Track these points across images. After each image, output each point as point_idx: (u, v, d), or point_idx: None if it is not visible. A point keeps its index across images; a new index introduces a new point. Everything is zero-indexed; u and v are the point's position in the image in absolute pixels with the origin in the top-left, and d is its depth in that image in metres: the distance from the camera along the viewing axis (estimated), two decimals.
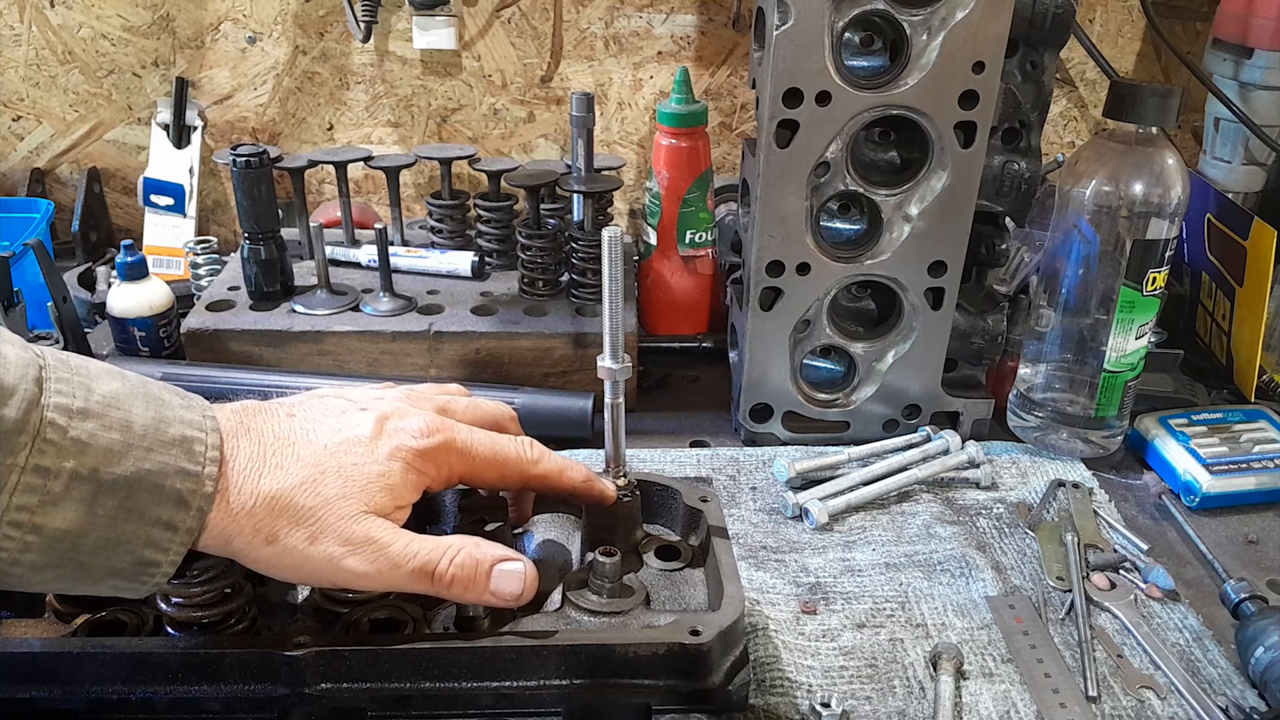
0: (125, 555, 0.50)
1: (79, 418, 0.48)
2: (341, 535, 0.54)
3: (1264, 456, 0.93)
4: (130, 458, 0.49)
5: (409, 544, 0.56)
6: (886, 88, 0.86)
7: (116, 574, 0.51)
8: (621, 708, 0.61)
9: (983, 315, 0.98)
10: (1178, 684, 0.70)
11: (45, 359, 0.49)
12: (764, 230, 0.90)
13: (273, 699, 0.60)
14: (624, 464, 0.71)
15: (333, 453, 0.56)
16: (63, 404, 0.48)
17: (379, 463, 0.56)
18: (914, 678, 0.71)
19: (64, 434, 0.47)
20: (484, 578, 0.58)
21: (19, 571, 0.49)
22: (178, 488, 0.50)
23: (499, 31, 1.28)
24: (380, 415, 0.58)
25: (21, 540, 0.47)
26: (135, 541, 0.50)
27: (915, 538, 0.86)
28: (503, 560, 0.59)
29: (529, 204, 1.09)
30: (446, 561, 0.57)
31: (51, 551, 0.48)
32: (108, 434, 0.49)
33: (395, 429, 0.58)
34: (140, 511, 0.50)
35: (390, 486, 0.56)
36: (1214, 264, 1.11)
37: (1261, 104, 1.14)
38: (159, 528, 0.50)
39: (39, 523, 0.47)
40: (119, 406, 0.50)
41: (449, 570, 0.57)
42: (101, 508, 0.49)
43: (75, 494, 0.48)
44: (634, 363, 0.88)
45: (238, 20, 1.27)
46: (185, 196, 1.32)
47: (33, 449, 0.47)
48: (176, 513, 0.51)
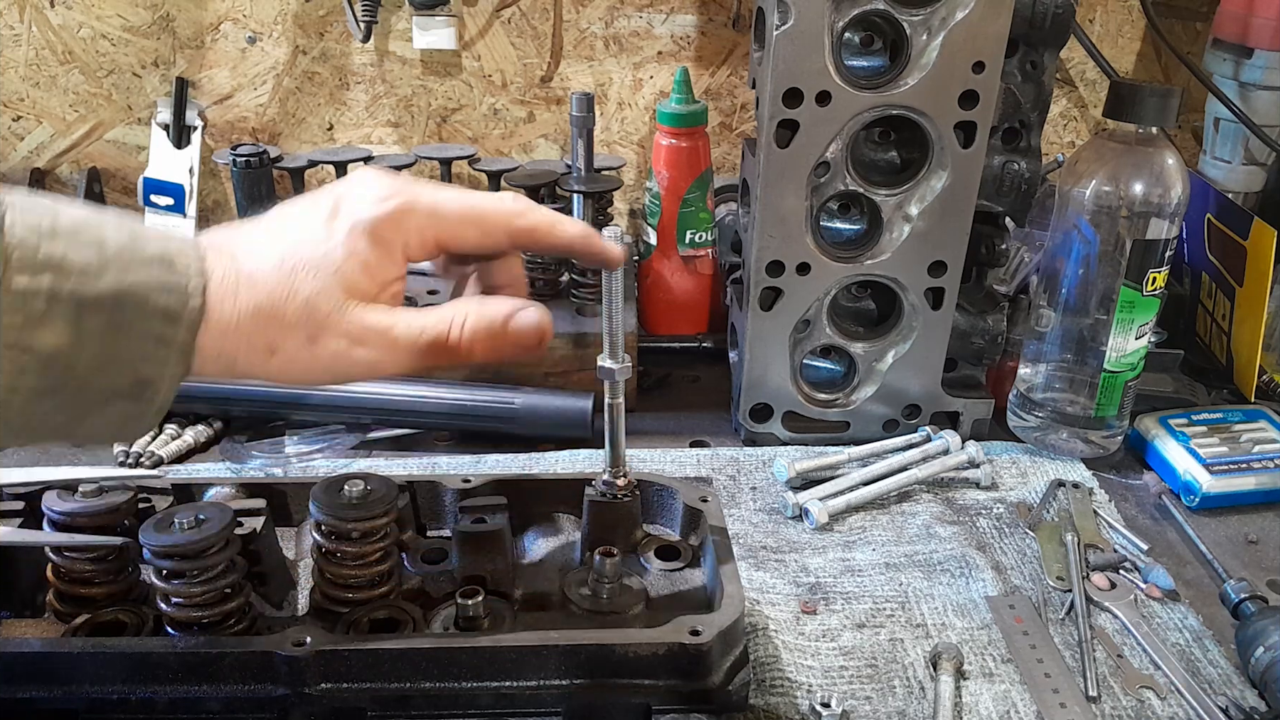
0: (122, 374, 0.49)
1: (48, 238, 0.47)
2: (339, 329, 0.52)
3: (1264, 456, 0.93)
4: (109, 274, 0.48)
5: (411, 322, 0.54)
6: (886, 88, 0.86)
7: (118, 396, 0.50)
8: (621, 708, 0.61)
9: (983, 315, 0.98)
10: (1178, 684, 0.70)
11: (10, 193, 0.48)
12: (764, 230, 0.90)
13: (273, 699, 0.60)
14: (624, 464, 0.71)
15: (295, 247, 0.53)
16: (30, 224, 0.47)
17: (341, 244, 0.53)
18: (914, 678, 0.71)
19: (34, 252, 0.47)
20: (500, 329, 0.55)
21: (19, 401, 0.48)
22: (163, 302, 0.49)
23: (499, 31, 1.28)
24: (336, 195, 0.55)
25: (15, 362, 0.47)
26: (129, 358, 0.49)
27: (915, 538, 0.86)
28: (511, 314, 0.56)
29: None
30: (458, 328, 0.54)
31: (47, 373, 0.48)
32: (81, 252, 0.48)
33: (350, 206, 0.54)
34: (129, 327, 0.49)
35: (363, 264, 0.53)
36: (1214, 264, 1.11)
37: (1261, 104, 1.14)
38: (151, 343, 0.49)
39: (28, 343, 0.47)
40: (88, 229, 0.49)
41: (463, 335, 0.54)
42: (88, 325, 0.48)
43: (58, 312, 0.47)
44: (634, 363, 0.88)
45: (238, 20, 1.27)
46: (185, 196, 1.32)
47: (6, 271, 0.46)
48: (166, 327, 0.49)
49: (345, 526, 0.65)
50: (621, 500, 0.71)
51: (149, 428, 0.53)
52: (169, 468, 0.92)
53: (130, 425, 0.52)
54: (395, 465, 0.93)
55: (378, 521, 0.65)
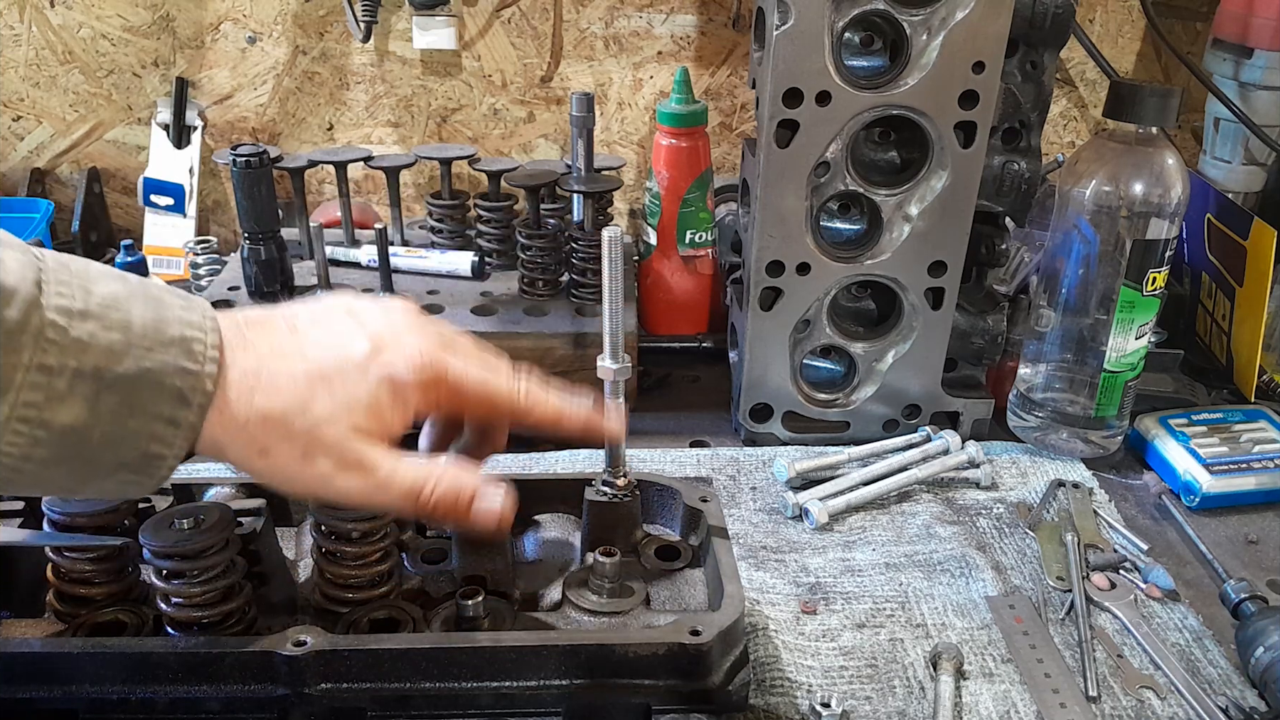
0: (130, 450, 0.51)
1: (79, 319, 0.49)
2: (332, 455, 0.55)
3: (1264, 456, 0.93)
4: (131, 356, 0.50)
5: (395, 467, 0.57)
6: (886, 88, 0.86)
7: (124, 467, 0.52)
8: (621, 708, 0.61)
9: (983, 315, 0.98)
10: (1178, 684, 0.70)
11: (45, 260, 0.50)
12: (764, 230, 0.90)
13: (273, 699, 0.60)
14: (624, 464, 0.71)
15: (325, 374, 0.56)
16: (63, 305, 0.49)
17: (369, 388, 0.56)
18: (914, 678, 0.71)
19: (65, 334, 0.49)
20: (465, 506, 0.59)
21: (30, 469, 0.50)
22: (178, 385, 0.51)
23: (499, 31, 1.28)
24: (376, 338, 0.58)
25: (30, 436, 0.49)
26: (140, 436, 0.51)
27: (915, 538, 0.86)
28: (483, 490, 0.59)
29: (529, 204, 1.09)
30: (429, 489, 0.58)
31: (59, 447, 0.50)
32: (108, 334, 0.50)
33: (390, 357, 0.58)
34: (143, 407, 0.51)
35: (378, 413, 0.57)
36: (1214, 264, 1.11)
37: (1261, 104, 1.14)
38: (161, 423, 0.51)
39: (46, 419, 0.49)
40: (118, 308, 0.51)
41: (432, 497, 0.58)
42: (105, 404, 0.50)
43: (79, 391, 0.49)
44: (634, 363, 0.87)
45: (238, 20, 1.27)
46: (185, 196, 1.32)
47: (36, 349, 0.48)
48: (178, 409, 0.52)
49: (345, 526, 0.65)
50: (621, 500, 0.71)
51: (148, 493, 0.55)
52: None
53: (131, 491, 0.54)
54: None
55: (378, 521, 0.65)
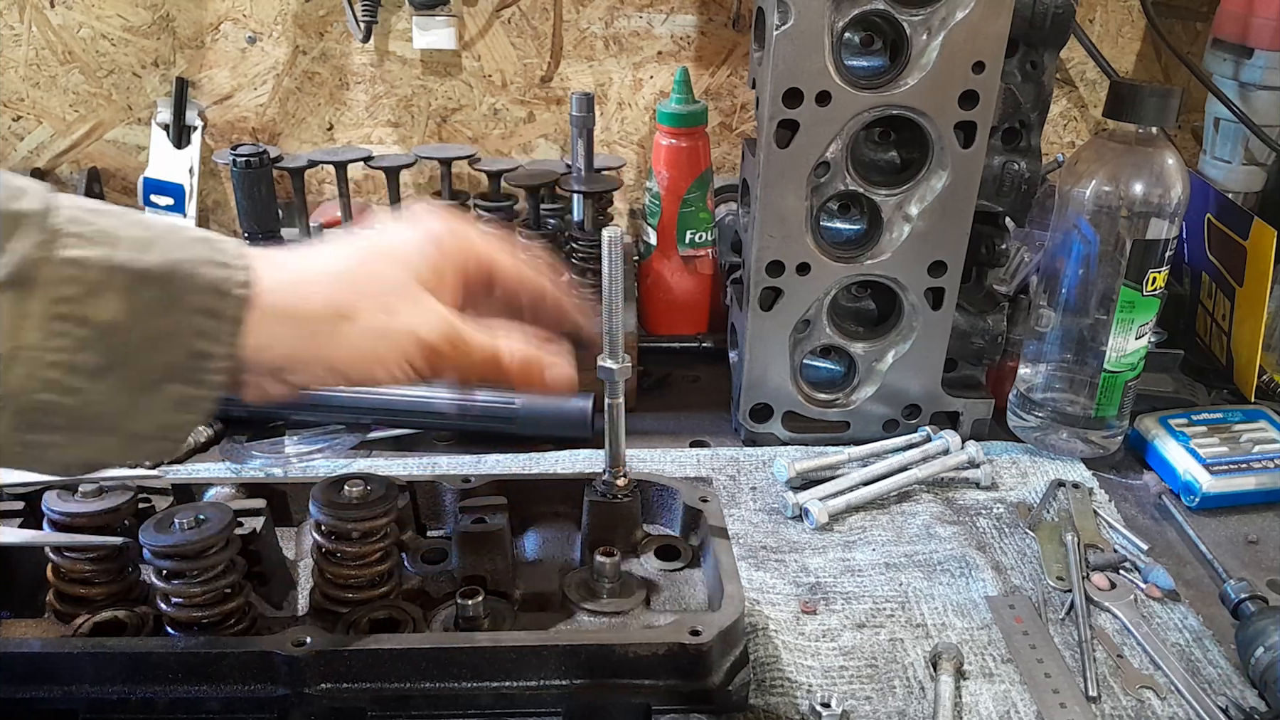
0: (177, 348, 0.50)
1: (96, 214, 0.49)
2: (409, 302, 0.55)
3: (1264, 456, 0.93)
4: (157, 249, 0.50)
5: (476, 329, 0.58)
6: (886, 88, 0.86)
7: (174, 374, 0.50)
8: (621, 708, 0.61)
9: (983, 315, 0.98)
10: (1178, 684, 0.70)
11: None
12: (764, 230, 0.90)
13: (273, 699, 0.60)
14: (624, 464, 0.71)
15: (372, 243, 0.57)
16: (78, 204, 0.49)
17: (415, 243, 0.58)
18: (914, 678, 0.71)
19: (88, 226, 0.48)
20: (539, 370, 0.60)
21: (79, 383, 0.48)
22: (212, 275, 0.50)
23: (499, 31, 1.28)
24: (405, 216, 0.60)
25: (73, 336, 0.47)
26: (183, 331, 0.50)
27: (915, 538, 0.86)
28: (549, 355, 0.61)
29: (529, 204, 1.09)
30: (509, 351, 0.59)
31: (104, 348, 0.48)
32: (130, 229, 0.50)
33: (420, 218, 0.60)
34: (180, 300, 0.50)
35: (433, 267, 0.57)
36: (1214, 264, 1.11)
37: (1261, 104, 1.14)
38: (202, 316, 0.50)
39: (85, 314, 0.47)
40: (131, 213, 0.51)
41: (514, 359, 0.59)
42: (141, 297, 0.49)
43: (113, 283, 0.48)
44: (634, 363, 0.87)
45: (238, 20, 1.27)
46: (185, 196, 1.32)
47: (60, 241, 0.47)
48: (216, 301, 0.50)
49: (345, 526, 0.65)
50: (621, 500, 0.71)
51: (203, 417, 0.52)
52: (169, 468, 0.92)
53: (185, 412, 0.52)
54: (395, 465, 0.93)
55: (378, 521, 0.65)
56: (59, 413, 0.48)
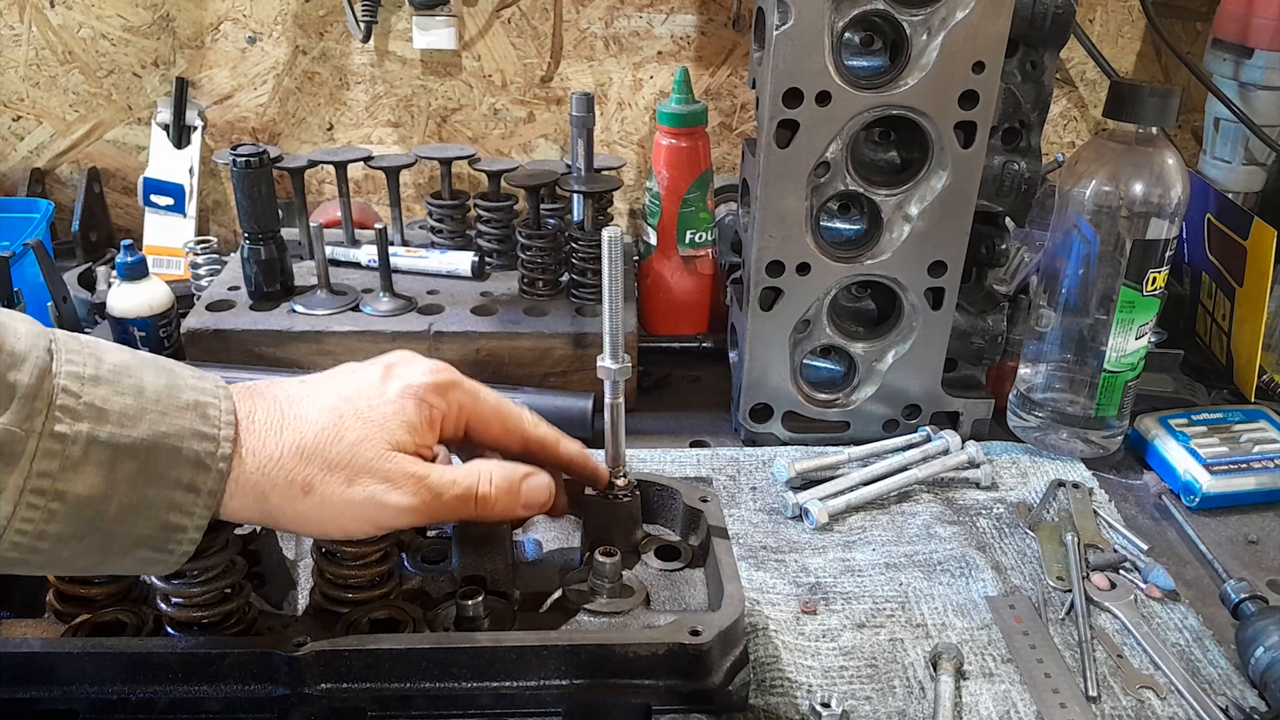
0: (149, 521, 0.51)
1: (91, 384, 0.49)
2: (378, 473, 0.55)
3: (1264, 456, 0.93)
4: (145, 421, 0.50)
5: (444, 473, 0.58)
6: (886, 88, 0.86)
7: (143, 543, 0.51)
8: (621, 708, 0.61)
9: (983, 315, 0.98)
10: (1178, 684, 0.70)
11: (55, 334, 0.50)
12: (764, 230, 0.90)
13: (273, 699, 0.60)
14: (624, 464, 0.71)
15: (347, 399, 0.57)
16: (74, 371, 0.49)
17: (392, 402, 0.58)
18: (914, 678, 0.71)
19: (77, 399, 0.48)
20: (518, 492, 0.61)
21: (46, 546, 0.49)
22: (195, 449, 0.51)
23: (499, 31, 1.28)
24: (387, 364, 0.61)
25: (46, 509, 0.48)
26: (158, 505, 0.50)
27: (915, 538, 0.86)
28: (528, 475, 0.62)
29: (529, 204, 1.09)
30: (486, 483, 0.59)
31: (76, 520, 0.49)
32: (121, 399, 0.50)
33: (403, 371, 0.60)
34: (160, 474, 0.50)
35: (408, 423, 0.58)
36: (1214, 264, 1.11)
37: (1261, 104, 1.14)
38: (180, 490, 0.51)
39: (61, 489, 0.48)
40: (130, 374, 0.51)
41: (491, 491, 0.59)
42: (121, 472, 0.49)
43: (94, 458, 0.48)
44: (634, 363, 0.87)
45: (238, 20, 1.27)
46: (185, 196, 1.32)
47: (49, 415, 0.47)
48: (196, 475, 0.51)
49: None
50: (621, 500, 0.71)
51: (168, 571, 0.54)
52: None
53: (153, 569, 0.53)
54: None
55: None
56: (20, 565, 0.49)
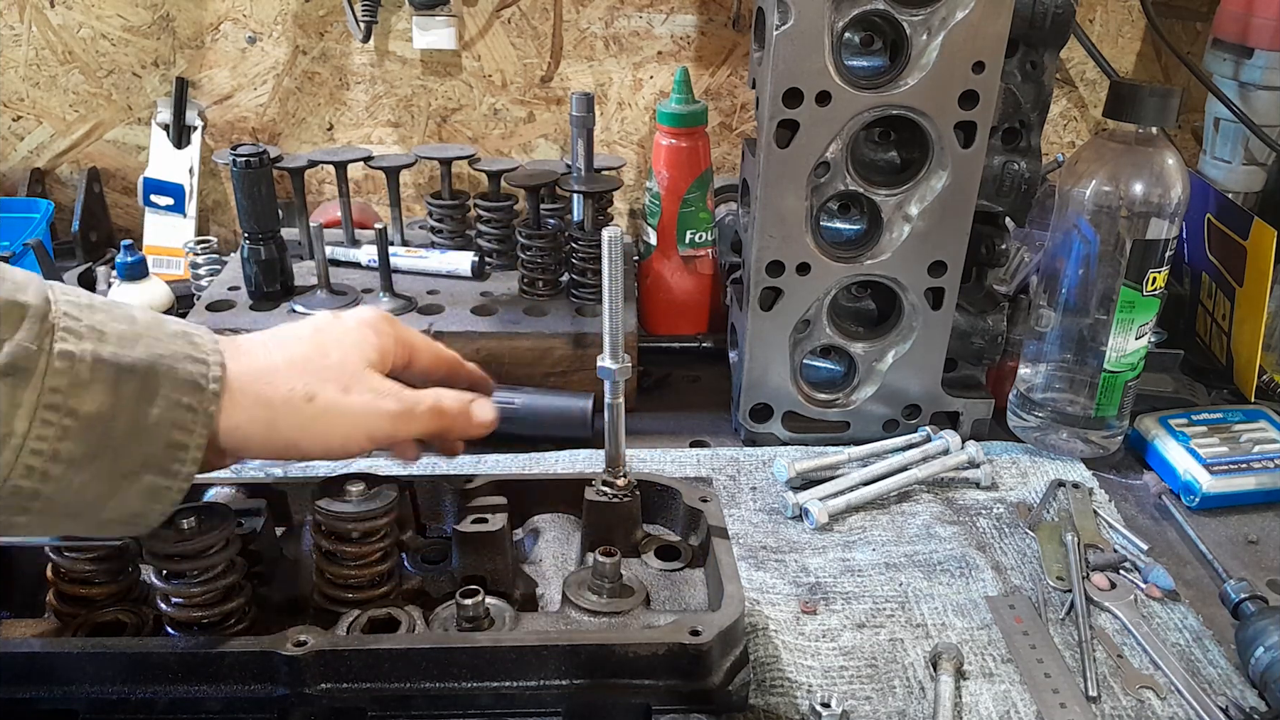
0: (154, 439, 0.53)
1: (89, 310, 0.52)
2: (366, 384, 0.62)
3: (1264, 456, 0.93)
4: (142, 344, 0.53)
5: (414, 390, 0.65)
6: (886, 88, 0.86)
7: (150, 464, 0.53)
8: (621, 708, 0.61)
9: (983, 315, 0.98)
10: (1178, 684, 0.70)
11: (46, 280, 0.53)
12: (764, 230, 0.90)
13: (273, 699, 0.60)
14: (624, 464, 0.71)
15: (316, 329, 0.63)
16: (72, 299, 0.52)
17: (354, 330, 0.64)
18: (914, 678, 0.71)
19: (79, 322, 0.51)
20: (469, 411, 0.67)
21: (59, 470, 0.50)
22: (189, 370, 0.54)
23: (499, 31, 1.28)
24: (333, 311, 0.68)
25: (59, 425, 0.50)
26: (161, 424, 0.53)
27: (915, 538, 0.86)
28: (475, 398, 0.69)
29: (529, 204, 1.09)
30: (449, 399, 0.66)
31: (87, 438, 0.51)
32: (116, 324, 0.53)
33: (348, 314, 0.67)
34: (161, 393, 0.53)
35: (374, 345, 0.64)
36: (1214, 264, 1.11)
37: (1261, 104, 1.14)
38: (180, 409, 0.54)
39: (72, 406, 0.50)
40: (119, 307, 0.55)
41: (452, 405, 0.66)
42: (125, 390, 0.52)
43: (100, 376, 0.51)
44: (634, 363, 0.87)
45: (238, 20, 1.27)
46: (185, 196, 1.32)
47: (56, 335, 0.50)
48: (193, 394, 0.54)
49: (345, 526, 0.65)
50: (621, 500, 0.71)
51: (170, 507, 0.56)
52: None
53: (155, 501, 0.55)
54: (395, 465, 0.93)
55: (378, 521, 0.65)
56: (34, 498, 0.51)
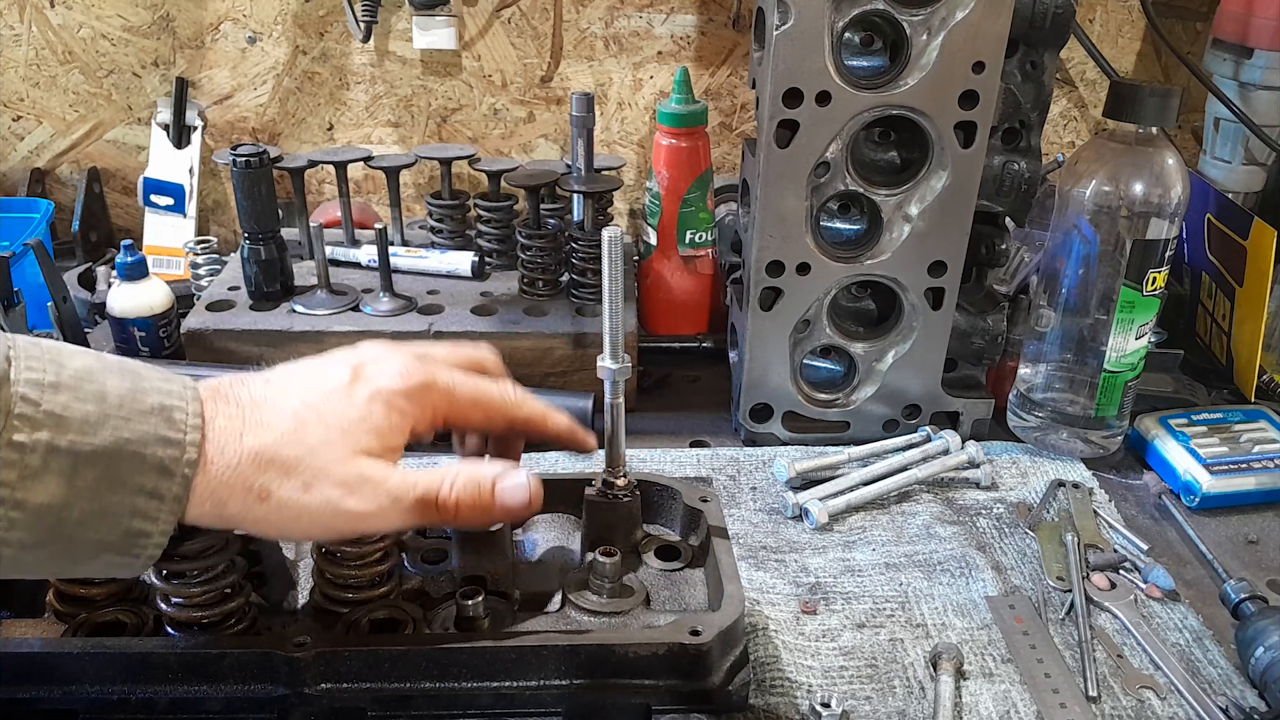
0: (112, 528, 0.50)
1: (50, 391, 0.48)
2: (335, 478, 0.53)
3: (1264, 456, 0.93)
4: (107, 428, 0.49)
5: (405, 476, 0.55)
6: (886, 88, 0.86)
7: (107, 548, 0.50)
8: (621, 708, 0.61)
9: (983, 315, 0.98)
10: (1178, 684, 0.70)
11: (15, 341, 0.49)
12: (764, 230, 0.90)
13: (273, 699, 0.60)
14: (624, 464, 0.71)
15: (311, 404, 0.55)
16: (34, 379, 0.48)
17: (358, 407, 0.55)
18: (914, 678, 0.71)
19: (36, 408, 0.47)
20: (489, 495, 0.57)
21: (9, 552, 0.48)
22: (160, 455, 0.50)
23: (499, 31, 1.28)
24: (356, 364, 0.58)
25: (6, 517, 0.47)
26: (121, 512, 0.49)
27: (915, 538, 0.86)
28: (504, 474, 0.58)
29: (529, 204, 1.09)
30: (449, 487, 0.56)
31: (37, 528, 0.48)
32: (82, 405, 0.48)
33: (372, 374, 0.57)
34: (123, 481, 0.49)
35: (375, 429, 0.55)
36: (1214, 264, 1.11)
37: (1261, 104, 1.14)
38: (144, 497, 0.50)
39: (20, 498, 0.47)
40: (92, 380, 0.50)
41: (452, 494, 0.56)
42: (82, 480, 0.48)
43: (54, 467, 0.47)
44: (634, 363, 0.87)
45: (238, 20, 1.27)
46: (185, 196, 1.32)
47: (6, 425, 0.46)
48: (160, 481, 0.50)
49: None
50: (621, 500, 0.71)
51: (138, 574, 0.53)
52: None
53: (119, 572, 0.53)
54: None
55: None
56: None
